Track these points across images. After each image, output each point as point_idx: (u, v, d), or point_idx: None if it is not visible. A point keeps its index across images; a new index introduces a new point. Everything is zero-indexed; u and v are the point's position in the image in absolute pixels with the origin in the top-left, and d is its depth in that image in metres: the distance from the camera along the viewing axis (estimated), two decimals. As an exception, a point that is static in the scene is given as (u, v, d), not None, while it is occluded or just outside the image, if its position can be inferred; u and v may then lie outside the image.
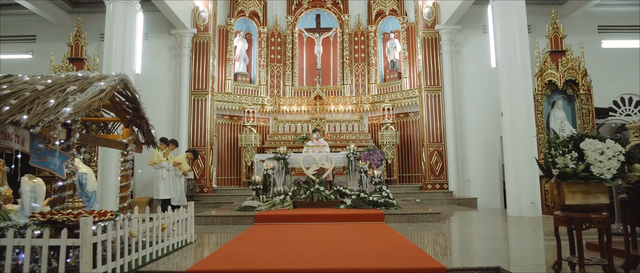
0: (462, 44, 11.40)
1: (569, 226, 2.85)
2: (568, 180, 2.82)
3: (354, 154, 7.99)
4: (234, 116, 12.30)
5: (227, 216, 6.62)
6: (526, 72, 7.56)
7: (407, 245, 4.33)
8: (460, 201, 10.30)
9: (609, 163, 2.78)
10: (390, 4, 12.67)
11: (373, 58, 12.85)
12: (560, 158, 2.82)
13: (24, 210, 3.56)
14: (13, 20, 11.66)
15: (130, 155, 4.31)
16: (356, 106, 12.54)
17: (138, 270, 3.18)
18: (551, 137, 2.95)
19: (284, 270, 3.29)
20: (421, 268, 3.22)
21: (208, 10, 11.54)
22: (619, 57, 11.44)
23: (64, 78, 3.60)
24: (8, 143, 3.24)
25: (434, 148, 10.97)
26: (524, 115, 7.35)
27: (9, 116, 2.96)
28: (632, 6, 11.51)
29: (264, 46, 12.85)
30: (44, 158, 3.21)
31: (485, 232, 5.75)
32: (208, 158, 10.99)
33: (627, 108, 11.41)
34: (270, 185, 7.65)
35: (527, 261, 3.49)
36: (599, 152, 2.79)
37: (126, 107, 4.17)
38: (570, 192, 2.81)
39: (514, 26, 7.49)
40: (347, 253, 3.88)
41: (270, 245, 4.41)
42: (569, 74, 9.31)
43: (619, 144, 2.81)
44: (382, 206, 7.25)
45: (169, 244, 4.03)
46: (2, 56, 11.60)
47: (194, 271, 3.22)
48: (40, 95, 3.27)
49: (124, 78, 3.77)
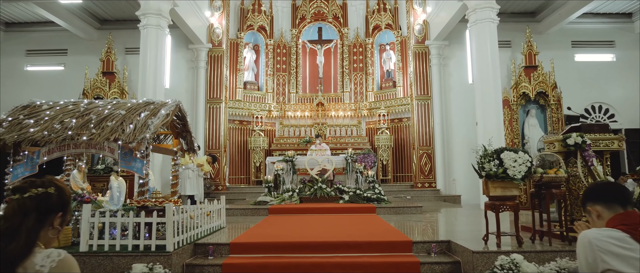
0: (449, 57, 12.72)
1: (493, 210, 4.19)
2: (492, 179, 4.15)
3: (351, 157, 9.33)
4: (243, 121, 13.62)
5: (246, 209, 7.98)
6: (497, 88, 8.86)
7: (389, 228, 5.68)
8: (446, 198, 11.62)
9: (519, 168, 4.11)
10: (386, 18, 13.96)
11: (370, 68, 14.16)
12: (487, 164, 4.16)
13: (113, 200, 4.89)
14: (47, 36, 12.99)
15: (178, 160, 5.65)
16: (355, 112, 13.85)
17: (197, 241, 4.55)
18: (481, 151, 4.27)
19: (297, 241, 4.65)
20: (395, 241, 4.58)
21: (222, 27, 12.88)
22: (590, 70, 12.75)
23: (136, 105, 4.93)
24: (102, 152, 4.59)
25: (423, 151, 12.29)
26: (495, 124, 8.64)
27: (109, 134, 4.31)
28: (602, 24, 12.83)
29: (271, 57, 14.16)
30: (129, 162, 4.55)
31: (452, 220, 7.14)
32: (222, 160, 12.33)
33: (598, 115, 12.73)
34: (280, 183, 9.01)
35: (469, 235, 4.85)
36: (513, 160, 4.12)
37: (176, 123, 5.51)
38: (493, 187, 4.15)
39: (487, 48, 8.78)
40: (343, 233, 5.23)
41: (285, 228, 5.76)
42: (540, 87, 10.65)
43: (527, 155, 4.14)
44: (375, 201, 8.59)
45: (210, 227, 5.38)
46: (38, 68, 12.97)
47: (236, 242, 4.59)
48: (124, 119, 4.61)
49: (178, 103, 5.11)
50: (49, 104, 4.97)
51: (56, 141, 4.36)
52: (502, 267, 3.05)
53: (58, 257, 1.42)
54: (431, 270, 4.18)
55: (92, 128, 4.43)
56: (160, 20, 9.02)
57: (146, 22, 8.94)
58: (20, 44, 13.04)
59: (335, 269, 4.20)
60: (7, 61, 12.88)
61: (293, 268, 4.17)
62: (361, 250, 4.55)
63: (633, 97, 12.46)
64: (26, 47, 13.05)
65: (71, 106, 4.92)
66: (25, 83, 12.94)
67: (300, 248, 4.55)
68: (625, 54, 12.78)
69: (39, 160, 4.59)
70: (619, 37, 12.85)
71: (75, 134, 4.34)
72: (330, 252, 4.51)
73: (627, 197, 1.66)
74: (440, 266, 4.20)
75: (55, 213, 1.51)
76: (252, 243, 4.67)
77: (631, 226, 1.54)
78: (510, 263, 2.63)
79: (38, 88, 12.76)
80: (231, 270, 4.17)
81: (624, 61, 12.75)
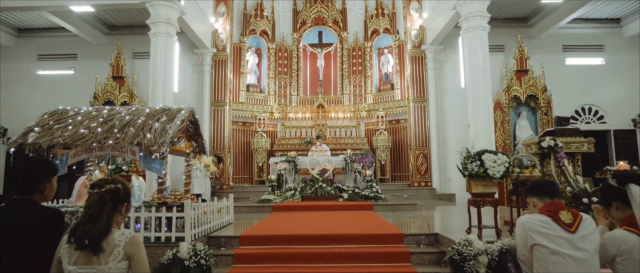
0: (444, 61, 13.22)
1: (475, 205, 4.70)
2: (474, 178, 4.66)
3: (350, 157, 9.84)
4: (246, 122, 14.13)
5: (251, 207, 8.50)
6: (487, 92, 9.34)
7: (384, 223, 6.19)
8: (441, 197, 12.13)
9: (498, 168, 4.62)
10: (384, 23, 14.45)
11: (369, 71, 14.66)
12: (470, 165, 4.67)
13: (134, 197, 5.40)
14: (58, 41, 13.50)
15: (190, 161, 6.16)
16: (354, 113, 14.35)
17: (210, 234, 5.07)
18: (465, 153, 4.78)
19: (300, 234, 5.16)
20: (388, 234, 5.10)
21: (226, 32, 13.39)
22: (581, 73, 13.25)
23: (154, 111, 5.44)
24: (125, 154, 5.10)
25: (420, 151, 12.80)
26: (486, 127, 9.14)
27: (132, 139, 4.82)
28: (591, 29, 13.33)
29: (273, 60, 14.66)
30: (149, 164, 5.06)
31: (443, 216, 7.68)
32: (226, 160, 12.84)
33: (587, 117, 13.23)
34: (283, 183, 9.52)
35: (456, 229, 5.36)
36: (492, 161, 4.63)
37: (189, 127, 6.01)
38: (475, 185, 4.66)
39: (478, 54, 9.27)
40: (341, 227, 5.75)
41: (288, 224, 6.27)
42: (530, 90, 11.17)
43: (505, 157, 4.65)
44: (372, 199, 9.10)
45: (220, 222, 5.90)
46: (48, 72, 13.49)
47: (245, 235, 5.11)
48: (144, 125, 5.12)
49: (191, 110, 5.62)
50: (74, 111, 5.48)
51: (85, 144, 4.88)
52: (459, 244, 3.57)
53: (130, 234, 1.94)
54: (420, 259, 4.70)
55: (116, 132, 4.94)
56: (169, 29, 9.52)
57: (156, 30, 9.45)
58: (32, 49, 13.55)
59: (334, 258, 4.72)
60: (19, 65, 13.41)
61: (297, 257, 4.69)
62: (358, 242, 5.07)
63: (621, 99, 12.97)
64: (37, 52, 13.56)
65: (94, 113, 5.43)
66: (36, 86, 13.46)
67: (302, 241, 5.07)
68: (614, 57, 13.28)
69: (68, 162, 5.10)
70: (608, 41, 13.35)
71: (101, 138, 4.85)
72: (330, 243, 5.02)
73: (555, 191, 2.17)
74: (428, 256, 4.71)
75: (123, 203, 2.03)
76: (260, 236, 5.19)
77: (553, 212, 2.05)
78: (466, 241, 3.16)
79: (49, 91, 13.30)
80: (242, 258, 4.69)
81: (613, 64, 13.25)
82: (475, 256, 2.96)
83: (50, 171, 2.14)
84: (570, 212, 2.03)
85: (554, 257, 1.94)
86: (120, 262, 1.87)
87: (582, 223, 2.00)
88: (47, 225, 2.00)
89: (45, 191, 2.09)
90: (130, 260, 1.90)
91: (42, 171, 2.08)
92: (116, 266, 1.86)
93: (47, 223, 2.01)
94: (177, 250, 3.27)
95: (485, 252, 2.91)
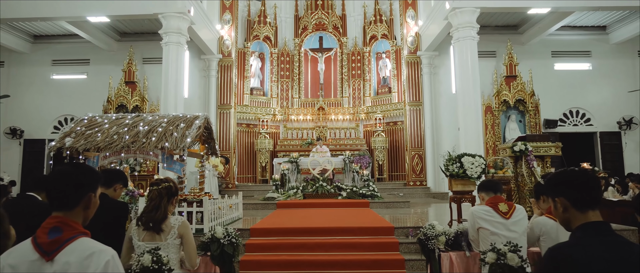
0: (438, 66, 13.90)
1: (456, 202, 5.39)
2: (454, 177, 5.35)
3: (348, 158, 10.54)
4: (250, 124, 14.82)
5: (257, 204, 9.20)
6: (477, 98, 10.02)
7: (378, 218, 6.89)
8: (435, 195, 12.82)
9: (476, 169, 5.32)
10: (382, 29, 15.12)
11: (367, 75, 15.35)
12: (451, 166, 5.36)
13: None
14: (71, 47, 14.18)
15: (204, 162, 6.86)
16: (353, 115, 15.04)
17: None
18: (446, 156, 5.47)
19: (303, 227, 5.86)
20: (381, 227, 5.80)
21: (231, 39, 14.08)
22: (569, 78, 13.93)
23: (174, 118, 6.13)
24: (149, 156, 5.80)
25: (415, 152, 13.49)
26: (475, 130, 9.81)
27: (157, 143, 5.52)
28: (579, 36, 14.00)
29: (275, 64, 15.34)
30: (171, 165, 5.75)
31: (432, 212, 8.41)
32: (232, 161, 13.54)
33: (575, 119, 13.92)
34: (286, 182, 10.22)
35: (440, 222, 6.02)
36: (471, 163, 5.32)
37: (203, 132, 6.71)
38: (455, 184, 5.35)
39: (468, 62, 9.95)
40: (340, 221, 6.44)
41: (292, 219, 6.97)
42: (519, 95, 11.85)
43: (482, 159, 5.34)
44: (369, 197, 9.79)
45: (231, 217, 6.60)
46: (62, 76, 14.19)
47: (255, 228, 5.81)
48: (166, 131, 5.81)
49: (206, 117, 6.31)
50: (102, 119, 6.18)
51: (114, 148, 5.58)
52: (425, 228, 4.22)
53: (182, 220, 2.65)
54: (407, 248, 5.40)
55: (141, 138, 5.64)
56: (180, 38, 10.22)
57: (168, 39, 10.14)
58: (47, 55, 14.25)
59: (333, 248, 5.42)
60: (35, 70, 14.11)
61: (300, 246, 5.39)
62: (354, 234, 5.77)
63: (607, 103, 13.65)
64: (52, 57, 14.25)
65: (121, 119, 6.13)
66: (51, 90, 14.16)
67: (305, 232, 5.77)
68: (601, 63, 13.95)
69: (99, 164, 5.80)
70: (594, 47, 14.02)
71: (129, 143, 5.55)
72: (330, 235, 5.72)
73: (498, 188, 2.87)
74: (415, 245, 5.37)
75: (174, 197, 2.73)
76: (267, 228, 5.89)
77: (494, 203, 2.75)
78: (430, 225, 3.83)
79: (63, 95, 14.00)
80: (252, 248, 5.40)
81: (600, 70, 13.92)
82: (436, 236, 3.67)
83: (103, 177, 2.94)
84: (507, 204, 2.72)
85: (493, 237, 2.63)
86: (175, 239, 2.58)
87: (515, 212, 2.69)
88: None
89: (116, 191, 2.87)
90: (182, 238, 2.60)
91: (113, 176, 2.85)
92: (172, 242, 2.56)
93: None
94: (215, 231, 4.06)
95: (444, 233, 3.62)
